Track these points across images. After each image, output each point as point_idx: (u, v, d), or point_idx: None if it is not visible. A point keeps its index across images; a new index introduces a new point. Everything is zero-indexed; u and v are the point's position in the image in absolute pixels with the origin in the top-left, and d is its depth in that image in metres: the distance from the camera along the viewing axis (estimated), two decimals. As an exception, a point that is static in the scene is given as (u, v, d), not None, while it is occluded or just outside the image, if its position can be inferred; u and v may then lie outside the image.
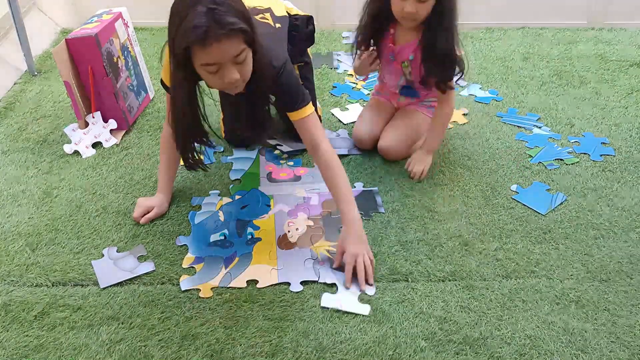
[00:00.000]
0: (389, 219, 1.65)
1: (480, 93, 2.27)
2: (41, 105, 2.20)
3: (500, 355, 1.27)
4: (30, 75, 2.40)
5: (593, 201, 1.71)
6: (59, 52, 1.86)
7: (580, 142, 1.97)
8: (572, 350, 1.28)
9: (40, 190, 1.77)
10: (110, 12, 2.10)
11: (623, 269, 1.49)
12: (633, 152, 1.93)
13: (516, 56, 2.54)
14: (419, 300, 1.40)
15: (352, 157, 1.91)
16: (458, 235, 1.59)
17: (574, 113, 2.14)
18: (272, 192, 1.76)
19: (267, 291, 1.42)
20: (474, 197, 1.73)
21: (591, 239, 1.58)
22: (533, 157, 1.90)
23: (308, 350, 1.28)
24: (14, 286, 1.44)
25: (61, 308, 1.38)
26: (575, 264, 1.50)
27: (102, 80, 1.95)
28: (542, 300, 1.40)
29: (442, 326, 1.33)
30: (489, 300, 1.40)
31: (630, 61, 2.48)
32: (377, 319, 1.35)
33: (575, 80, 2.35)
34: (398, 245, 1.56)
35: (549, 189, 1.76)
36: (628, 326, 1.33)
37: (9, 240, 1.58)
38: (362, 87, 2.30)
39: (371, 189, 1.76)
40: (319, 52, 2.58)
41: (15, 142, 1.99)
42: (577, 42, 2.65)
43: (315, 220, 1.65)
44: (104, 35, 1.94)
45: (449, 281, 1.45)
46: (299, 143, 1.83)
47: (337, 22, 2.81)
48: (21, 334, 1.32)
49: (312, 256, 1.53)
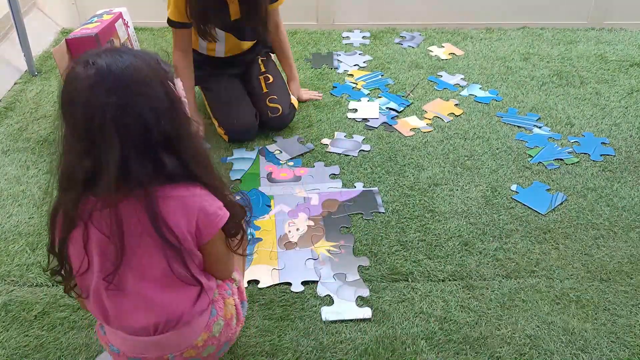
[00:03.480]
0: (389, 219, 1.65)
1: (480, 93, 2.27)
2: (41, 105, 2.20)
3: (500, 355, 1.27)
4: (30, 75, 2.40)
5: (593, 201, 1.71)
6: (59, 52, 1.86)
7: (580, 142, 1.97)
8: (572, 350, 1.28)
9: (41, 190, 1.77)
10: (110, 12, 2.10)
11: (623, 269, 1.49)
12: (633, 152, 1.93)
13: (516, 56, 2.54)
14: (419, 300, 1.40)
15: (352, 157, 1.91)
16: (458, 235, 1.59)
17: (574, 113, 2.14)
18: (273, 192, 1.76)
19: (267, 291, 1.42)
20: (474, 197, 1.73)
21: (591, 239, 1.58)
22: (533, 157, 1.90)
23: (308, 350, 1.28)
24: (14, 286, 1.44)
25: (61, 308, 1.38)
26: (575, 264, 1.50)
27: (102, 80, 1.95)
28: (542, 300, 1.40)
29: (442, 326, 1.33)
30: (489, 300, 1.40)
31: (630, 61, 2.48)
32: (377, 319, 1.35)
33: (575, 80, 2.35)
34: (398, 245, 1.56)
35: (549, 189, 1.76)
36: (628, 326, 1.34)
37: (9, 240, 1.58)
38: (362, 87, 2.31)
39: (371, 189, 1.76)
40: (319, 52, 2.58)
41: (16, 142, 1.99)
42: (577, 42, 2.65)
43: (315, 220, 1.65)
44: (104, 35, 1.94)
45: (449, 281, 1.45)
46: (298, 148, 1.92)
47: (337, 22, 2.81)
48: (21, 334, 1.32)
49: (313, 256, 1.53)
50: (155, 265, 0.97)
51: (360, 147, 1.96)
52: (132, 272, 0.98)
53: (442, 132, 2.03)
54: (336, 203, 1.71)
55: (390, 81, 2.35)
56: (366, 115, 2.12)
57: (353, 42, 2.67)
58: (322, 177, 1.82)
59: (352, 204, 1.71)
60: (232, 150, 1.95)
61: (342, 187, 1.78)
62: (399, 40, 2.67)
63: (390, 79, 2.36)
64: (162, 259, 0.96)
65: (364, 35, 2.72)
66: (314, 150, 1.95)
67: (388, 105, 2.18)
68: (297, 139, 2.00)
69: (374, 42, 2.66)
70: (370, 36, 2.71)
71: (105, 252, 0.96)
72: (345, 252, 1.54)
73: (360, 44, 2.65)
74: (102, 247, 0.96)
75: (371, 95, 2.26)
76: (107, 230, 0.93)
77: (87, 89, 0.87)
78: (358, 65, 2.47)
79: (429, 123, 2.09)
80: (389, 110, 2.16)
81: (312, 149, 1.95)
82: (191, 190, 0.96)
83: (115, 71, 0.88)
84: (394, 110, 2.16)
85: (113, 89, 0.87)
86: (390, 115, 2.13)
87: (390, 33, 2.74)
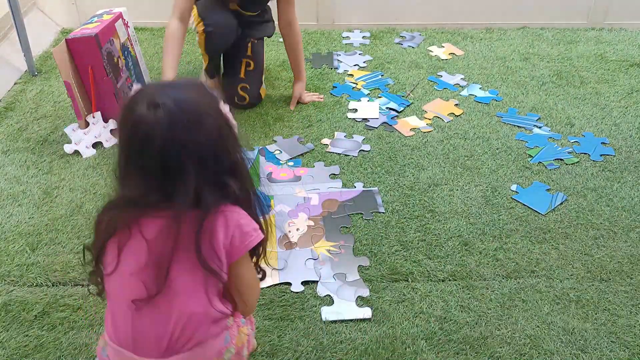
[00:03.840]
0: (389, 219, 1.65)
1: (480, 93, 2.27)
2: (41, 105, 2.20)
3: (500, 355, 1.27)
4: (30, 75, 2.40)
5: (593, 201, 1.71)
6: (59, 52, 1.86)
7: (580, 142, 1.97)
8: (572, 350, 1.28)
9: (41, 190, 1.77)
10: (110, 12, 2.10)
11: (623, 269, 1.49)
12: (633, 152, 1.93)
13: (516, 56, 2.54)
14: (419, 300, 1.40)
15: (352, 157, 1.91)
16: (458, 235, 1.59)
17: (574, 113, 2.14)
18: (273, 192, 1.76)
19: (267, 291, 1.42)
20: (474, 197, 1.73)
21: (591, 239, 1.58)
22: (533, 157, 1.90)
23: (308, 350, 1.28)
24: (14, 286, 1.44)
25: (61, 308, 1.38)
26: (575, 264, 1.50)
27: (103, 80, 1.95)
28: (542, 300, 1.40)
29: (442, 326, 1.33)
30: (489, 300, 1.40)
31: (630, 61, 2.48)
32: (377, 319, 1.35)
33: (575, 80, 2.35)
34: (398, 245, 1.56)
35: (549, 189, 1.76)
36: (628, 326, 1.34)
37: (9, 240, 1.58)
38: (362, 87, 2.31)
39: (371, 189, 1.76)
40: (319, 52, 2.58)
41: (16, 142, 1.99)
42: (577, 42, 2.65)
43: (315, 220, 1.65)
44: (104, 36, 1.94)
45: (449, 281, 1.45)
46: (298, 148, 1.92)
47: (337, 22, 2.81)
48: (21, 334, 1.32)
49: (313, 256, 1.53)
50: (188, 280, 0.95)
51: (360, 147, 1.96)
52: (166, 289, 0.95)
53: (442, 132, 2.03)
54: (336, 203, 1.71)
55: (390, 81, 2.35)
56: (366, 115, 2.12)
57: (353, 42, 2.67)
58: (322, 177, 1.82)
59: (352, 204, 1.71)
60: (232, 150, 1.95)
61: (342, 187, 1.78)
62: (399, 40, 2.67)
63: (390, 79, 2.36)
64: (197, 275, 0.95)
65: (364, 35, 2.72)
66: (314, 150, 1.95)
67: (388, 105, 2.18)
68: (297, 139, 2.00)
69: (374, 42, 2.66)
70: (370, 36, 2.71)
71: (141, 266, 0.93)
72: (345, 252, 1.54)
73: (360, 44, 2.66)
74: (138, 259, 0.94)
75: (371, 95, 2.26)
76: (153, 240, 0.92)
77: (163, 131, 0.88)
78: (358, 65, 2.47)
79: (429, 123, 2.09)
80: (389, 110, 2.16)
81: (312, 149, 1.95)
82: (231, 207, 0.97)
83: (184, 108, 0.89)
84: (394, 110, 2.16)
85: (187, 126, 0.89)
86: (390, 115, 2.13)
87: (390, 33, 2.74)
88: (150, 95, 0.91)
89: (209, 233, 0.93)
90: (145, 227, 0.93)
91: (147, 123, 0.89)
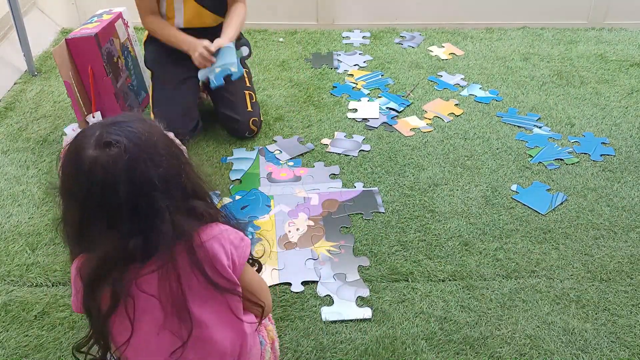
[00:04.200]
0: (389, 219, 1.65)
1: (480, 93, 2.27)
2: (41, 105, 2.20)
3: (500, 355, 1.27)
4: (30, 75, 2.40)
5: (593, 201, 1.71)
6: (59, 52, 1.86)
7: (580, 142, 1.97)
8: (572, 350, 1.28)
9: (40, 190, 1.77)
10: (110, 12, 2.10)
11: (623, 269, 1.49)
12: (633, 152, 1.93)
13: (516, 56, 2.54)
14: (419, 300, 1.40)
15: (352, 157, 1.91)
16: (458, 235, 1.59)
17: (574, 113, 2.14)
18: (273, 192, 1.76)
19: (267, 291, 1.42)
20: (474, 197, 1.73)
21: (591, 239, 1.58)
22: (533, 157, 1.90)
23: (308, 350, 1.28)
24: (14, 286, 1.44)
25: (61, 308, 1.38)
26: (575, 264, 1.50)
27: (102, 80, 1.95)
28: (542, 300, 1.40)
29: (442, 326, 1.33)
30: (489, 300, 1.40)
31: (630, 61, 2.48)
32: (377, 319, 1.35)
33: (575, 80, 2.35)
34: (398, 245, 1.56)
35: (549, 189, 1.76)
36: (628, 326, 1.33)
37: (9, 240, 1.58)
38: (362, 87, 2.31)
39: (371, 189, 1.76)
40: (319, 52, 2.58)
41: (15, 142, 1.99)
42: (577, 42, 2.65)
43: (315, 220, 1.65)
44: (104, 35, 1.94)
45: (449, 281, 1.45)
46: (298, 148, 1.92)
47: (337, 22, 2.81)
48: (21, 334, 1.32)
49: (313, 256, 1.53)
50: (211, 309, 0.95)
51: (360, 147, 1.96)
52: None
53: (442, 132, 2.03)
54: (336, 203, 1.71)
55: (390, 81, 2.35)
56: (366, 115, 2.12)
57: (353, 42, 2.67)
58: (322, 177, 1.82)
59: (352, 204, 1.71)
60: (232, 150, 1.95)
61: (342, 187, 1.78)
62: (399, 40, 2.67)
63: (390, 79, 2.36)
64: (216, 300, 0.94)
65: (364, 35, 2.72)
66: (314, 150, 1.95)
67: (388, 105, 2.18)
68: (297, 139, 2.00)
69: (374, 42, 2.66)
70: (370, 36, 2.71)
71: (161, 320, 0.91)
72: (345, 252, 1.54)
73: (360, 44, 2.66)
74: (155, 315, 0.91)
75: (371, 95, 2.26)
76: (158, 292, 0.89)
77: (125, 170, 0.81)
78: (358, 65, 2.47)
79: (429, 123, 2.09)
80: (389, 110, 2.16)
81: (312, 149, 1.95)
82: (216, 227, 0.94)
83: (138, 143, 0.83)
84: (394, 110, 2.16)
85: (147, 160, 0.83)
86: (390, 115, 2.13)
87: (390, 33, 2.74)
88: (97, 135, 0.83)
89: (210, 260, 0.91)
90: (145, 284, 0.89)
91: (102, 166, 0.81)
